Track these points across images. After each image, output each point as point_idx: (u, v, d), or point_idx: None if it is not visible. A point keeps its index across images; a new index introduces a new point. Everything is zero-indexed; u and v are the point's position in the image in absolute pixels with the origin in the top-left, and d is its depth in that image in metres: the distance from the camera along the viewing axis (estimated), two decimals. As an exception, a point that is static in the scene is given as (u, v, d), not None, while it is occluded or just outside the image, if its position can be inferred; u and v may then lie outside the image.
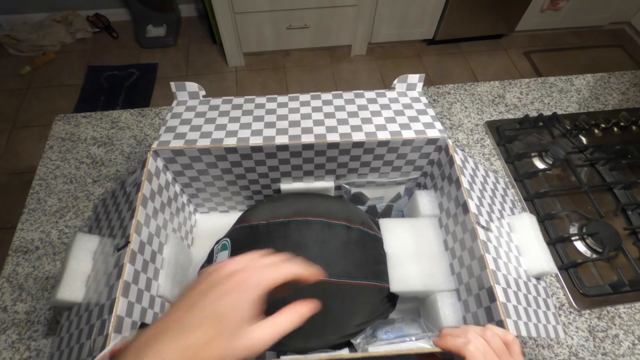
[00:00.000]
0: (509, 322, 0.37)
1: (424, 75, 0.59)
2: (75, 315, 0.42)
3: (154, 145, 0.47)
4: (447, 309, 0.46)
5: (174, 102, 0.55)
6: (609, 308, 0.63)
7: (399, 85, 0.59)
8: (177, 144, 0.48)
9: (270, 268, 0.27)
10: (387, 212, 0.63)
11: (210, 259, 0.51)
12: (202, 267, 0.54)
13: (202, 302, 0.25)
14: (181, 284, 0.52)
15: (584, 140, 0.84)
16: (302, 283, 0.29)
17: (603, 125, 0.85)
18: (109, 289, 0.38)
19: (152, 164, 0.46)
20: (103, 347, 0.35)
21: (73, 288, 0.43)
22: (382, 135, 0.50)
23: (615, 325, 0.61)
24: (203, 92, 0.56)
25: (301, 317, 0.28)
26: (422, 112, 0.54)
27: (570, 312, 0.62)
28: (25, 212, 0.71)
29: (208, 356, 0.23)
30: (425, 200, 0.55)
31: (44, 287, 0.63)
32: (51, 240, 0.68)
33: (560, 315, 0.62)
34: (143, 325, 0.41)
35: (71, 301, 0.42)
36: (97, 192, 0.74)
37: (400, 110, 0.54)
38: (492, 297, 0.38)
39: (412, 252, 0.50)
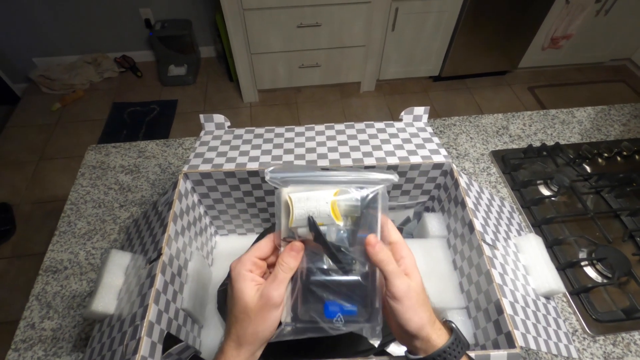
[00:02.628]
0: (517, 334, 0.38)
1: (428, 107, 0.64)
2: (107, 326, 0.45)
3: (185, 169, 0.52)
4: (458, 326, 0.48)
5: (202, 132, 0.61)
6: (623, 334, 0.62)
7: (405, 117, 0.64)
8: (205, 167, 0.53)
9: (243, 256, 0.35)
10: (398, 235, 0.66)
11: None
12: (222, 284, 0.57)
13: (229, 300, 0.35)
14: (202, 300, 0.55)
15: (587, 168, 0.87)
16: (285, 250, 0.35)
17: (606, 155, 0.88)
18: (142, 297, 0.42)
19: (182, 185, 0.51)
20: (135, 351, 0.38)
21: (106, 300, 0.46)
22: (392, 160, 0.54)
23: (631, 352, 0.61)
24: (228, 123, 0.62)
25: (295, 258, 0.34)
26: (427, 140, 0.59)
27: (584, 337, 0.62)
28: (57, 235, 0.76)
29: (245, 328, 0.33)
30: (434, 222, 0.58)
31: (70, 305, 0.66)
32: (79, 260, 0.72)
33: (574, 340, 0.62)
34: (169, 335, 0.44)
35: (104, 313, 0.46)
36: (124, 216, 0.78)
37: (408, 139, 0.59)
38: (499, 309, 0.40)
39: (422, 271, 0.52)
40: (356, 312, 0.33)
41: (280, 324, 0.34)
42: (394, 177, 0.35)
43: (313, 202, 0.33)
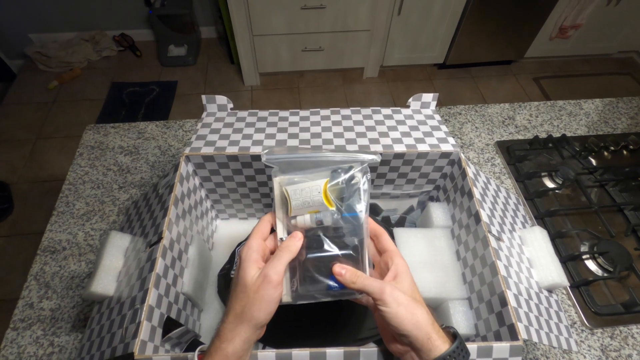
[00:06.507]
0: (520, 326, 0.38)
1: (437, 94, 0.62)
2: (107, 308, 0.44)
3: (186, 151, 0.51)
4: (460, 317, 0.48)
5: (204, 114, 0.59)
6: (621, 328, 0.63)
7: (413, 104, 0.62)
8: (208, 150, 0.51)
9: (250, 237, 0.38)
10: (401, 224, 0.65)
11: (231, 261, 0.53)
12: (223, 269, 0.57)
13: (233, 281, 0.37)
14: (202, 285, 0.55)
15: (593, 161, 0.86)
16: (288, 237, 0.38)
17: (612, 148, 0.87)
18: (141, 281, 0.41)
19: (184, 167, 0.50)
20: (135, 334, 0.37)
21: (105, 282, 0.46)
22: (398, 148, 0.53)
23: (628, 345, 0.61)
24: (231, 105, 0.60)
25: (296, 245, 0.36)
26: (435, 128, 0.57)
27: (582, 330, 0.63)
28: (55, 215, 0.75)
29: (243, 306, 0.34)
30: (439, 211, 0.57)
31: (69, 285, 0.66)
32: (77, 241, 0.71)
33: (573, 333, 0.62)
34: (169, 319, 0.43)
35: (103, 294, 0.45)
36: (123, 197, 0.77)
37: (415, 126, 0.58)
38: (503, 302, 0.40)
39: (425, 261, 0.52)
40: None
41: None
42: (376, 157, 0.39)
43: (307, 192, 0.37)
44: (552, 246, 0.51)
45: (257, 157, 0.52)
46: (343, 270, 0.35)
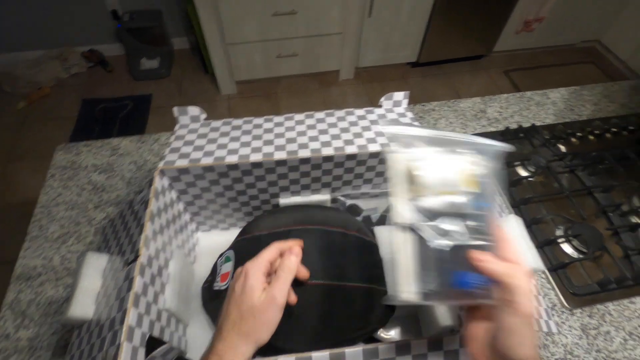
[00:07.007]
0: (500, 313, 0.39)
1: (408, 92, 0.64)
2: (86, 332, 0.43)
3: (160, 165, 0.50)
4: (444, 309, 0.48)
5: (177, 126, 0.59)
6: (599, 306, 0.65)
7: (385, 103, 0.63)
8: (182, 163, 0.51)
9: (258, 256, 0.39)
10: (382, 222, 0.66)
11: (214, 272, 0.53)
12: (206, 281, 0.56)
13: (232, 296, 0.37)
14: (185, 299, 0.54)
15: (562, 148, 0.89)
16: (284, 255, 0.39)
17: (579, 134, 0.91)
18: (120, 301, 0.40)
19: (158, 182, 0.49)
20: (115, 357, 0.36)
21: (84, 305, 0.44)
22: (373, 148, 0.54)
23: (606, 322, 0.64)
24: (204, 115, 0.59)
25: (295, 262, 0.38)
26: (408, 125, 0.59)
27: (562, 311, 0.65)
28: (27, 240, 0.72)
29: (249, 326, 0.34)
30: (417, 207, 0.58)
31: (47, 312, 0.63)
32: (53, 266, 0.69)
33: (553, 315, 0.64)
34: (151, 338, 0.42)
35: (82, 318, 0.44)
36: (99, 217, 0.75)
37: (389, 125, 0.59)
38: (483, 291, 0.41)
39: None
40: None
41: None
42: (508, 147, 0.34)
43: (444, 171, 0.32)
44: (527, 233, 0.53)
45: (233, 167, 0.52)
46: (483, 256, 0.30)
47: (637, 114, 0.97)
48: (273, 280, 0.37)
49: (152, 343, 0.41)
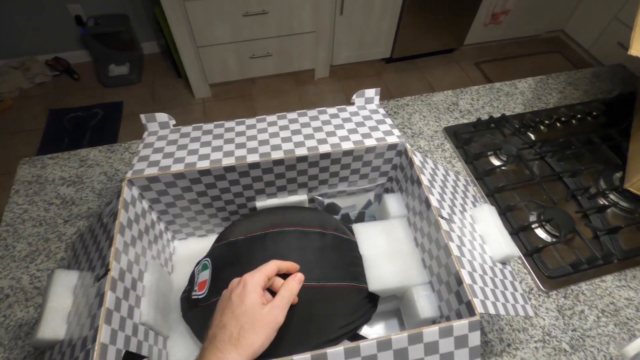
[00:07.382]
0: (477, 302, 0.40)
1: (379, 89, 0.64)
2: (58, 353, 0.41)
3: (128, 175, 0.49)
4: (424, 301, 0.49)
5: (145, 133, 0.57)
6: (572, 287, 0.68)
7: (357, 100, 0.63)
8: (151, 171, 0.49)
9: (258, 270, 0.40)
10: (360, 219, 0.66)
11: (192, 281, 0.51)
12: (185, 291, 0.55)
13: (229, 307, 0.37)
14: (163, 311, 0.52)
15: (532, 136, 0.92)
16: (284, 272, 0.42)
17: (547, 122, 0.94)
18: (91, 318, 0.38)
19: (127, 192, 0.47)
20: (89, 377, 0.35)
21: (54, 326, 0.42)
22: (346, 145, 0.54)
23: (580, 302, 0.66)
24: (173, 122, 0.58)
25: (297, 288, 0.41)
26: (380, 122, 0.59)
27: (539, 294, 0.67)
28: (-7, 261, 0.69)
29: (249, 339, 0.35)
30: (393, 202, 0.59)
31: (17, 335, 0.60)
32: (22, 286, 0.66)
33: (530, 299, 0.66)
34: (128, 354, 0.41)
35: (53, 339, 0.42)
36: (69, 232, 0.72)
37: (361, 122, 0.59)
38: (459, 281, 0.42)
39: (386, 252, 0.53)
40: None
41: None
42: None
43: None
44: (500, 221, 0.54)
45: (205, 172, 0.51)
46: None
47: (599, 100, 1.01)
48: (277, 299, 0.38)
49: (130, 358, 0.40)
